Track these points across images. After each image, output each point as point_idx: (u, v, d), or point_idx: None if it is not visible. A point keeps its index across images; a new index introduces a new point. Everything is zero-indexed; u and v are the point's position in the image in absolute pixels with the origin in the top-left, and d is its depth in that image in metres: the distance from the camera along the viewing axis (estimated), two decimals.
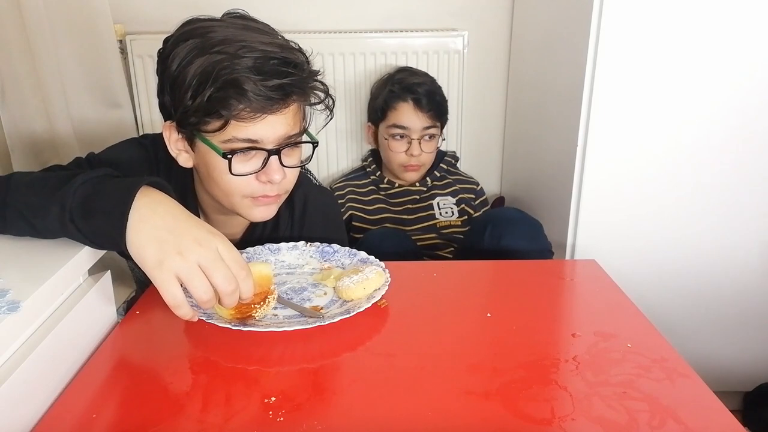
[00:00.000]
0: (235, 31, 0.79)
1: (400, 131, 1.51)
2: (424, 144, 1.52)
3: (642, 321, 0.76)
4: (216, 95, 0.76)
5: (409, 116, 1.50)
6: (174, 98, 0.80)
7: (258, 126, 0.79)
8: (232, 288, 0.64)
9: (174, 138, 0.85)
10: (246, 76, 0.75)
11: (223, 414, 0.58)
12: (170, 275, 0.62)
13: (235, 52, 0.76)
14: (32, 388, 0.58)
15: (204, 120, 0.79)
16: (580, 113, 1.19)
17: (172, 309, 0.63)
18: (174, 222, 0.64)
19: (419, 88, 1.50)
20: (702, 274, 1.31)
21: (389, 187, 1.60)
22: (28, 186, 0.71)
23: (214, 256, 0.63)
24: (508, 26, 1.69)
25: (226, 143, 0.80)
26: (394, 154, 1.53)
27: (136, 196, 0.64)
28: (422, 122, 1.50)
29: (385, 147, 1.55)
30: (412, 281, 0.89)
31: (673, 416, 0.58)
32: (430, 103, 1.50)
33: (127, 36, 1.59)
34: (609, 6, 1.11)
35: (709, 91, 1.17)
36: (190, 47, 0.78)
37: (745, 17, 1.12)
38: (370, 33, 1.65)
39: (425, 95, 1.50)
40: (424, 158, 1.54)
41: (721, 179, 1.23)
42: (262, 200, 0.86)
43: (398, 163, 1.54)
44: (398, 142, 1.52)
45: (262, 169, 0.82)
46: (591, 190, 1.24)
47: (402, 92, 1.51)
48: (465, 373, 0.65)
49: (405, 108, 1.50)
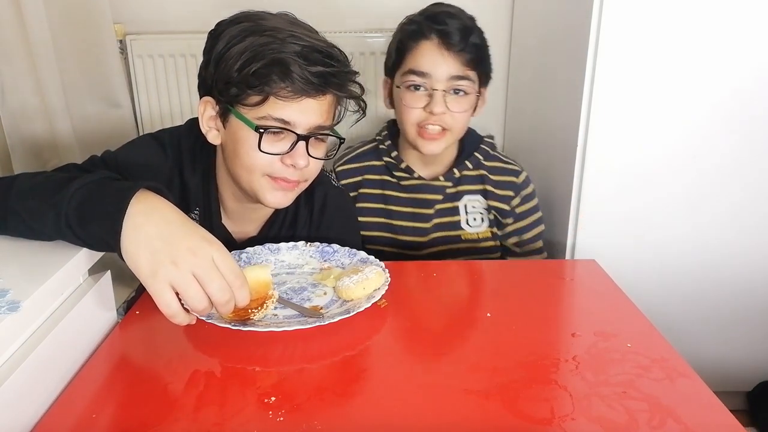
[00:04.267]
0: (284, 24, 0.85)
1: (418, 79, 1.09)
2: (452, 100, 1.09)
3: (642, 321, 0.76)
4: (261, 71, 0.80)
5: (432, 57, 1.08)
6: (218, 72, 0.84)
7: (293, 108, 0.82)
8: (226, 298, 0.64)
9: (208, 115, 0.88)
10: (292, 58, 0.80)
11: (223, 414, 0.58)
12: (164, 285, 0.61)
13: (284, 38, 0.81)
14: (32, 388, 0.58)
15: (245, 93, 0.82)
16: (580, 113, 1.19)
17: (169, 318, 0.63)
18: (168, 229, 0.64)
19: (449, 20, 1.08)
20: (702, 274, 1.31)
21: (407, 176, 1.20)
22: (29, 189, 0.72)
23: (208, 266, 0.62)
24: (508, 26, 1.69)
25: (260, 120, 0.83)
26: (407, 110, 1.10)
27: (130, 203, 0.64)
28: (450, 67, 1.08)
29: (399, 104, 1.13)
30: (412, 281, 0.89)
31: (673, 416, 0.58)
32: (463, 42, 1.07)
33: (127, 36, 1.59)
34: (609, 6, 1.11)
35: (709, 91, 1.17)
36: (242, 28, 0.83)
37: (746, 15, 1.12)
38: (370, 33, 1.65)
39: (458, 31, 1.08)
40: (450, 120, 1.10)
41: (721, 179, 1.23)
42: (281, 183, 0.87)
43: (412, 123, 1.11)
44: (415, 93, 1.10)
45: (288, 152, 0.84)
46: (591, 190, 1.23)
47: (425, 25, 1.09)
48: (465, 372, 0.65)
49: (427, 47, 1.09)
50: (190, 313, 0.65)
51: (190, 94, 1.63)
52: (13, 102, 1.44)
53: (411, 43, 1.10)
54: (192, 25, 1.60)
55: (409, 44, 1.11)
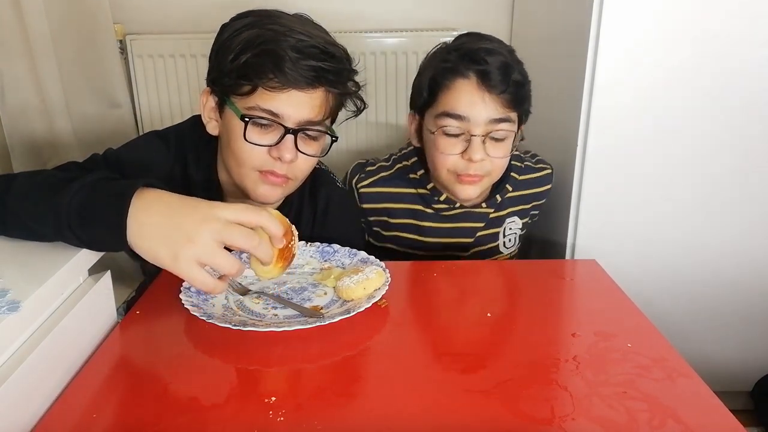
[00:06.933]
0: (291, 21, 0.86)
1: (454, 123, 0.99)
2: (491, 146, 1.00)
3: (642, 321, 0.76)
4: (252, 61, 0.82)
5: (471, 99, 0.98)
6: (216, 62, 0.87)
7: (282, 99, 0.83)
8: (256, 242, 0.64)
9: (209, 105, 0.90)
10: (285, 51, 0.81)
11: (223, 414, 0.58)
12: (190, 264, 0.62)
13: (282, 32, 0.83)
14: (32, 388, 0.58)
15: (237, 82, 0.83)
16: (580, 113, 1.19)
17: (209, 293, 0.67)
18: (171, 213, 0.64)
19: (489, 58, 0.98)
20: (702, 274, 1.31)
21: (448, 207, 1.10)
22: (28, 190, 0.71)
23: (222, 226, 0.63)
24: (508, 26, 1.69)
25: (249, 110, 0.84)
26: (442, 157, 1.01)
27: (130, 204, 0.64)
28: (489, 110, 0.98)
29: (431, 147, 1.03)
30: (412, 281, 0.89)
31: (673, 416, 0.58)
32: (505, 82, 0.97)
33: (127, 36, 1.60)
34: (609, 6, 1.11)
35: (709, 91, 1.17)
36: (246, 22, 0.86)
37: (747, 16, 1.12)
38: (370, 33, 1.65)
39: (499, 69, 0.97)
40: (489, 166, 1.02)
41: (721, 178, 1.23)
42: (270, 178, 0.87)
43: (448, 170, 1.02)
44: (450, 139, 1.00)
45: (275, 145, 0.85)
46: (591, 190, 1.24)
47: (461, 62, 0.99)
48: (465, 372, 0.65)
49: (464, 87, 0.98)
50: (224, 279, 0.67)
51: (190, 93, 1.63)
52: (13, 101, 1.44)
53: (445, 81, 0.99)
54: (192, 25, 1.60)
55: (443, 81, 1.00)
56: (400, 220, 1.13)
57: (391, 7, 1.67)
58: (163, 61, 1.61)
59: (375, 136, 1.75)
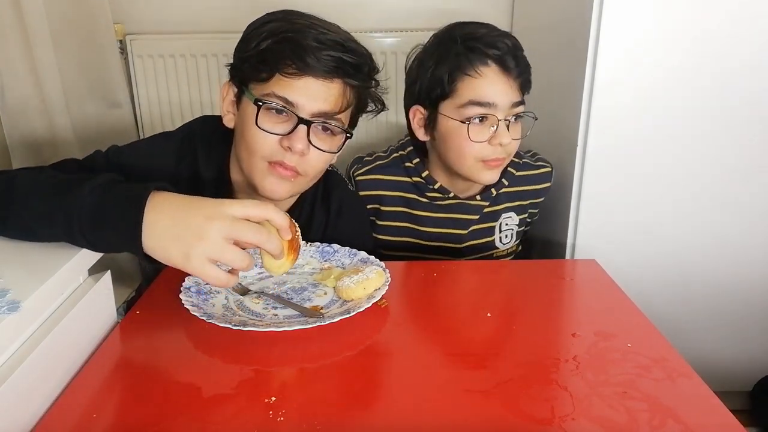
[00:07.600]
0: (317, 19, 0.88)
1: (483, 111, 1.00)
2: (513, 128, 1.03)
3: (642, 321, 0.76)
4: (272, 47, 0.83)
5: (496, 86, 1.00)
6: (238, 51, 0.88)
7: (298, 87, 0.83)
8: (265, 235, 0.65)
9: (229, 98, 0.91)
10: (306, 40, 0.82)
11: (223, 414, 0.58)
12: (202, 262, 0.63)
13: (307, 25, 0.84)
14: (32, 388, 0.58)
15: (256, 67, 0.84)
16: (580, 113, 1.19)
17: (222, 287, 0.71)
18: (179, 213, 0.64)
19: (500, 43, 1.01)
20: (702, 274, 1.31)
21: (441, 196, 1.12)
22: (33, 190, 0.71)
23: (230, 222, 0.63)
24: (508, 26, 1.69)
25: (264, 96, 0.84)
26: (471, 145, 1.01)
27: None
28: (511, 95, 1.01)
29: (456, 137, 1.03)
30: (412, 281, 0.89)
31: (673, 416, 0.58)
32: (519, 66, 1.02)
33: (127, 36, 1.60)
34: (609, 5, 1.11)
35: (709, 91, 1.17)
36: (272, 18, 0.87)
37: (747, 16, 1.12)
38: (370, 33, 1.65)
39: (511, 53, 1.01)
40: (512, 148, 1.05)
41: (722, 178, 1.23)
42: (278, 169, 0.86)
43: (476, 159, 1.03)
44: (480, 127, 1.01)
45: (288, 135, 0.84)
46: (591, 190, 1.24)
47: (481, 51, 1.00)
48: (465, 372, 0.65)
49: (488, 74, 1.00)
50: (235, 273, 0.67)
51: (190, 94, 1.63)
52: (13, 101, 1.44)
53: (466, 71, 1.00)
54: (192, 25, 1.60)
55: (465, 70, 1.00)
56: (393, 208, 1.14)
57: (391, 7, 1.67)
58: (163, 61, 1.62)
59: (375, 135, 1.75)
